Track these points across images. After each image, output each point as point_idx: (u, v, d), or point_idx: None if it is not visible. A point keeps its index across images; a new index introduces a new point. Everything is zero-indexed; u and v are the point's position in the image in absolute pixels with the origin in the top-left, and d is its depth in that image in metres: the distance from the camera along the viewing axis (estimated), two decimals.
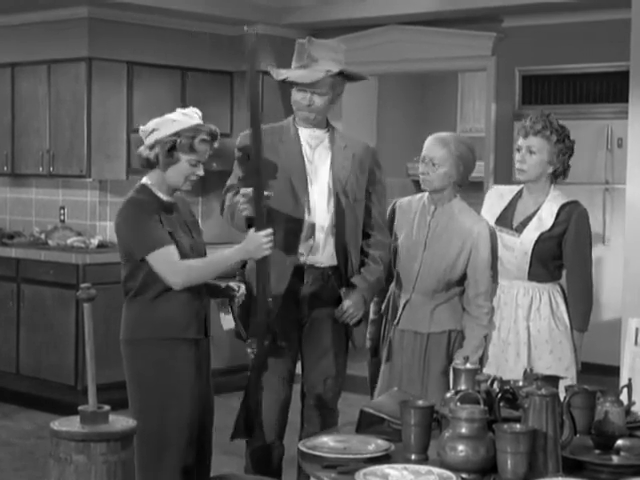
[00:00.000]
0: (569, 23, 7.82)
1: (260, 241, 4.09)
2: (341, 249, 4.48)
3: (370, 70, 9.02)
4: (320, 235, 4.44)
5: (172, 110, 4.18)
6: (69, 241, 8.13)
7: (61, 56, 8.15)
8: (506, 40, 8.12)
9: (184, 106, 4.34)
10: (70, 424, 3.26)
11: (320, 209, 4.45)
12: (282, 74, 4.46)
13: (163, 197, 4.11)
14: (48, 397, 7.68)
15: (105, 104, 8.11)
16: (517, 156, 4.67)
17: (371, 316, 4.83)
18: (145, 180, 4.14)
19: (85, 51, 8.01)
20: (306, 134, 4.51)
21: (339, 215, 4.45)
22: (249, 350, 4.31)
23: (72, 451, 3.19)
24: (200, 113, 4.16)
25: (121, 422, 3.31)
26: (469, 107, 10.67)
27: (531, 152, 4.61)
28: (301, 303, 4.46)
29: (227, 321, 4.24)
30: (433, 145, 4.59)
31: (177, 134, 4.03)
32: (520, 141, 4.66)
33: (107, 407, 3.32)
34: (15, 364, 8.08)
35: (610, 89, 7.84)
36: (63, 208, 8.67)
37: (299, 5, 8.54)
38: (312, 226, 4.43)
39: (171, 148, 4.03)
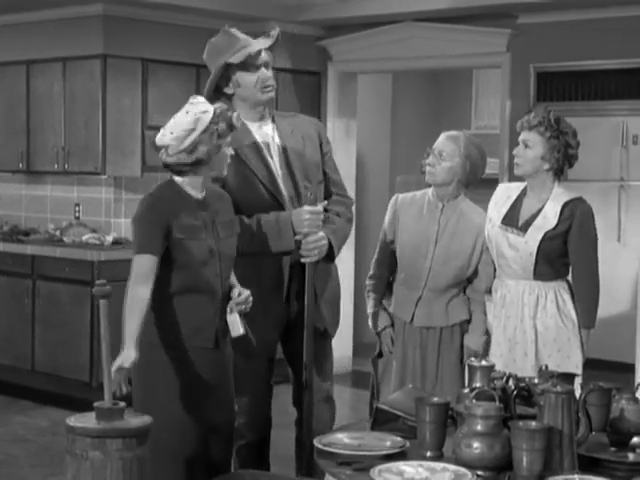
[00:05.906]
0: (584, 20, 7.80)
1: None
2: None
3: (385, 67, 9.05)
4: None
5: None
6: (84, 238, 8.14)
7: (76, 53, 8.15)
8: (521, 37, 8.10)
9: None
10: (86, 420, 3.27)
11: (292, 201, 4.37)
12: (248, 50, 4.26)
13: (197, 195, 3.94)
14: (63, 394, 7.70)
15: (120, 101, 8.12)
16: (514, 150, 4.68)
17: (370, 309, 4.85)
18: (177, 178, 3.94)
19: (100, 48, 8.01)
20: (256, 129, 4.39)
21: (308, 203, 4.33)
22: None
23: (88, 447, 3.20)
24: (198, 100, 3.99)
25: (137, 419, 3.32)
26: (484, 104, 10.66)
27: (526, 146, 4.61)
28: (289, 299, 4.41)
29: (234, 327, 3.96)
30: (444, 140, 4.68)
31: (214, 122, 3.87)
32: (520, 135, 4.66)
33: (123, 403, 3.33)
34: (30, 361, 8.09)
35: (625, 86, 7.81)
36: (78, 205, 8.67)
37: (315, 2, 8.52)
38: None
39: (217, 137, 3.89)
